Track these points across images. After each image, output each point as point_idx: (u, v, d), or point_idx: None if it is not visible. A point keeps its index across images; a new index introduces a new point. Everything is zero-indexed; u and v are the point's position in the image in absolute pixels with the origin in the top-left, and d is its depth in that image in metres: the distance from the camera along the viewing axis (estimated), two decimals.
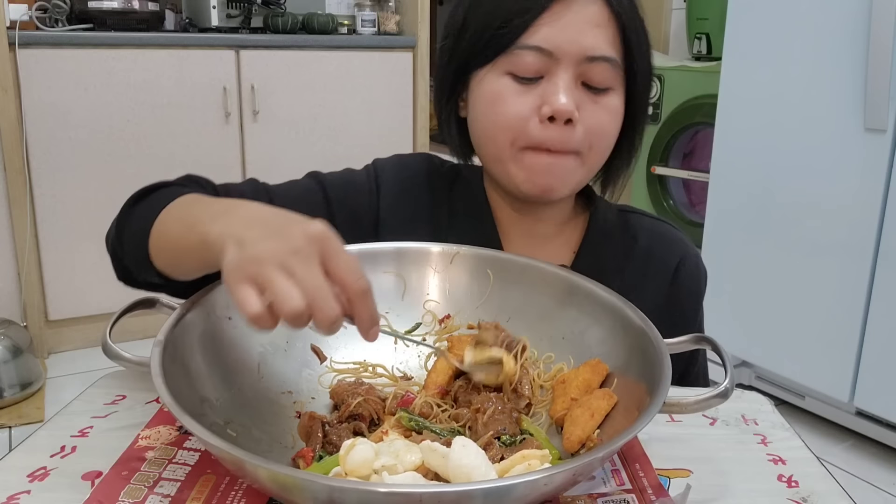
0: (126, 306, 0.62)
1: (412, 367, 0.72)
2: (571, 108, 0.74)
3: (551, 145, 0.76)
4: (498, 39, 0.76)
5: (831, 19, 1.96)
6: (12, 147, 2.38)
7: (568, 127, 0.76)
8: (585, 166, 0.79)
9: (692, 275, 0.89)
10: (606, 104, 0.78)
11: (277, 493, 0.50)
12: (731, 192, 2.30)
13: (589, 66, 0.75)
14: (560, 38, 0.74)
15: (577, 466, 0.48)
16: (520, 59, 0.76)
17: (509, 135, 0.77)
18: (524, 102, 0.76)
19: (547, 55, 0.75)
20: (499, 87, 0.77)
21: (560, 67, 0.75)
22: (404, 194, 0.87)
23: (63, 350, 2.59)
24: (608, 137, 0.80)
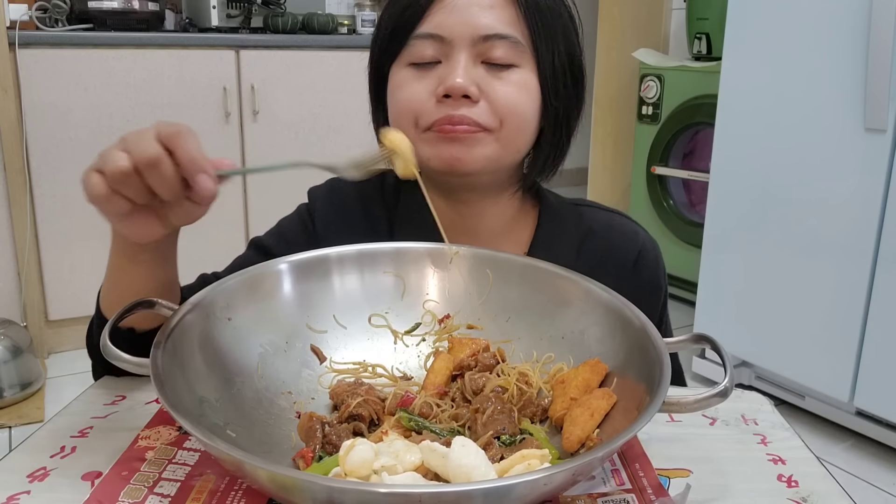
0: (126, 307, 0.62)
1: (412, 368, 0.72)
2: (466, 84, 0.75)
3: (450, 119, 0.76)
4: (397, 33, 0.79)
5: (831, 19, 1.96)
6: (12, 147, 2.38)
7: (466, 103, 0.76)
8: (499, 142, 0.78)
9: (652, 267, 0.88)
10: (512, 79, 0.77)
11: (277, 493, 0.50)
12: (731, 192, 2.30)
13: (486, 46, 0.76)
14: (450, 21, 0.76)
15: (577, 466, 0.48)
16: (416, 48, 0.78)
17: (410, 118, 0.78)
18: (422, 86, 0.78)
19: (439, 40, 0.77)
20: (400, 78, 0.80)
21: (454, 50, 0.76)
22: (337, 216, 0.89)
23: (63, 350, 2.59)
24: (521, 112, 0.78)
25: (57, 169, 2.44)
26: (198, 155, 0.56)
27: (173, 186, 0.57)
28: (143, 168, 0.55)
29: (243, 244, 0.91)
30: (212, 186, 0.57)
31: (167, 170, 0.56)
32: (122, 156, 0.55)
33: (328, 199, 0.90)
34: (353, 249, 0.74)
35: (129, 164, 0.55)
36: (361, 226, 0.88)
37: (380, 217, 0.89)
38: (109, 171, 0.55)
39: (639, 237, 0.89)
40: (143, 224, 0.61)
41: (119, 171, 0.55)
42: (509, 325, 0.72)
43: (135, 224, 0.61)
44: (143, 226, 0.61)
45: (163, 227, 0.62)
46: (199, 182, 0.56)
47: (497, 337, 0.72)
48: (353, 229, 0.88)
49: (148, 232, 0.62)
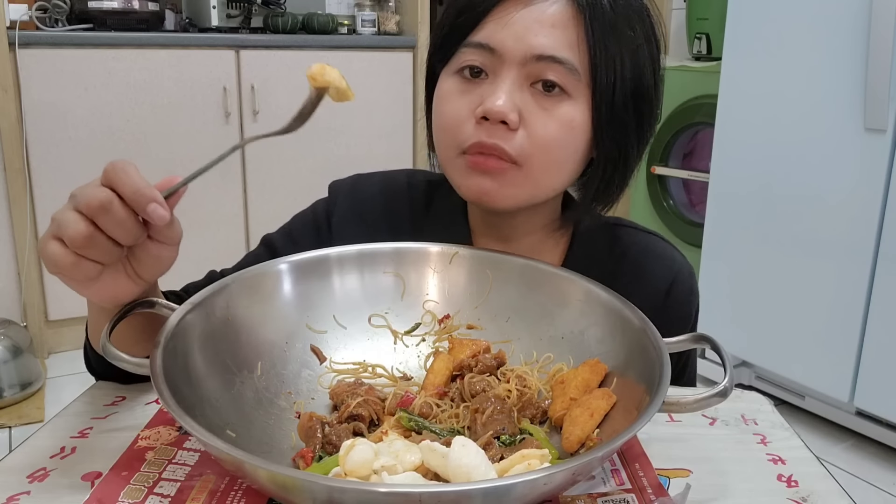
0: (125, 307, 0.62)
1: (412, 368, 0.72)
2: (507, 109, 0.69)
3: (483, 147, 0.71)
4: (450, 37, 0.74)
5: (831, 19, 1.96)
6: (12, 147, 2.38)
7: (502, 129, 0.70)
8: (529, 180, 0.73)
9: (684, 298, 0.85)
10: (557, 112, 0.71)
11: (277, 493, 0.50)
12: (731, 191, 2.30)
13: (537, 67, 0.70)
14: (504, 34, 0.70)
15: (577, 466, 0.48)
16: (465, 57, 0.73)
17: (449, 137, 0.74)
18: (464, 102, 0.73)
19: (490, 52, 0.71)
20: (447, 87, 0.75)
21: (503, 66, 0.71)
22: (356, 212, 0.87)
23: (63, 350, 2.59)
24: (556, 151, 0.72)
25: (57, 169, 2.44)
26: (141, 184, 0.53)
27: (130, 227, 0.53)
28: (96, 216, 0.52)
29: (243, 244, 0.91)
30: (164, 213, 0.53)
31: (118, 211, 0.52)
32: (76, 217, 0.52)
33: (350, 194, 0.89)
34: (353, 249, 0.74)
35: (87, 227, 0.52)
36: (382, 224, 0.87)
37: (403, 216, 0.87)
38: (70, 237, 0.52)
39: (674, 264, 0.85)
40: (113, 285, 0.58)
41: (80, 236, 0.52)
42: (509, 326, 0.72)
43: (105, 287, 0.57)
44: (113, 287, 0.58)
45: (134, 285, 0.59)
46: (151, 212, 0.53)
47: (497, 337, 0.72)
48: (373, 226, 0.86)
49: (120, 293, 0.59)
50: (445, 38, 0.75)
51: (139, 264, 0.58)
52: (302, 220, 0.90)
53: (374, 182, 0.90)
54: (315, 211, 0.90)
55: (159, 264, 0.59)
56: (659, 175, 2.92)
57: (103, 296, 0.59)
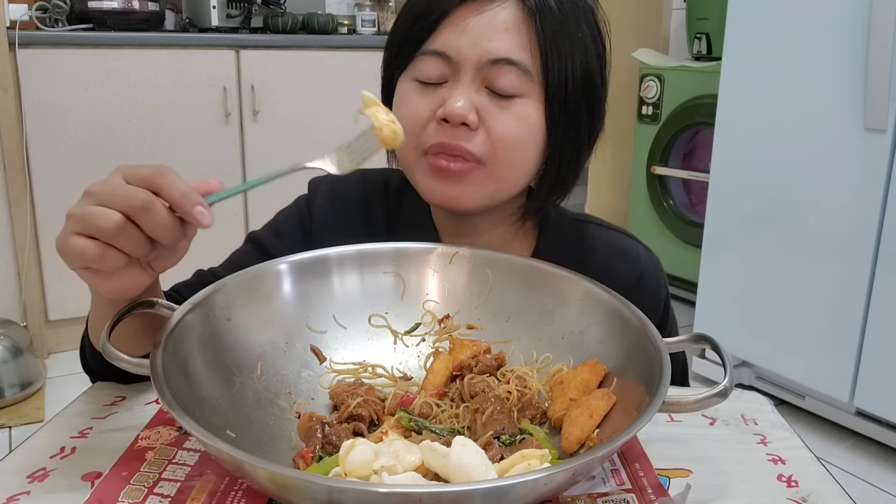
0: (125, 307, 0.62)
1: (412, 368, 0.72)
2: (465, 110, 0.72)
3: (446, 148, 0.73)
4: (406, 45, 0.77)
5: (831, 19, 1.96)
6: (12, 147, 2.38)
7: (464, 130, 0.73)
8: (492, 178, 0.75)
9: (652, 291, 0.86)
10: (513, 110, 0.74)
11: (277, 493, 0.50)
12: (731, 192, 2.30)
13: (492, 71, 0.73)
14: (460, 41, 0.73)
15: (577, 466, 0.48)
16: (423, 64, 0.75)
17: (411, 138, 0.75)
18: (424, 104, 0.75)
19: (446, 60, 0.74)
20: (405, 90, 0.77)
21: (460, 72, 0.73)
22: (335, 211, 0.88)
23: (63, 350, 2.59)
24: (516, 146, 0.75)
25: (57, 169, 2.44)
26: (186, 188, 0.54)
27: (173, 228, 0.55)
28: (137, 215, 0.53)
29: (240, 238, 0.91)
30: (209, 215, 0.55)
31: (161, 211, 0.54)
32: (108, 211, 0.53)
33: (329, 191, 0.90)
34: (352, 249, 0.74)
35: (121, 218, 0.53)
36: (359, 223, 0.88)
37: (379, 216, 0.89)
38: (102, 228, 0.53)
39: (640, 260, 0.87)
40: (129, 277, 0.58)
41: (113, 226, 0.52)
42: (509, 326, 0.73)
43: (122, 279, 0.58)
44: (129, 279, 0.58)
45: (147, 276, 0.60)
46: (197, 215, 0.54)
47: (497, 337, 0.72)
48: (350, 225, 0.88)
49: (135, 284, 0.59)
50: (403, 46, 0.77)
51: (157, 258, 0.59)
52: (286, 216, 0.91)
53: (352, 179, 0.91)
54: (298, 206, 0.91)
55: (174, 258, 0.60)
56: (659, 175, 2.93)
57: (119, 288, 0.59)
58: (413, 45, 0.76)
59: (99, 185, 0.55)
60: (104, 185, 0.55)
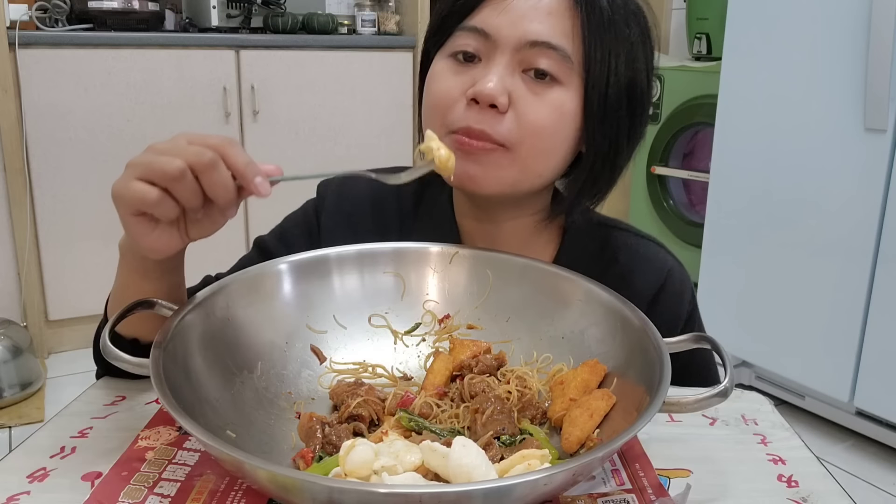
0: (126, 307, 0.62)
1: (412, 368, 0.72)
2: (497, 92, 0.70)
3: (470, 132, 0.72)
4: (447, 21, 0.75)
5: (831, 19, 1.96)
6: (12, 147, 2.38)
7: (492, 113, 0.71)
8: (517, 164, 0.73)
9: (672, 303, 0.83)
10: (549, 98, 0.72)
11: (277, 493, 0.50)
12: (731, 192, 2.30)
13: (530, 53, 0.71)
14: (500, 20, 0.71)
15: (577, 466, 0.48)
16: (460, 40, 0.74)
17: (438, 115, 0.74)
18: (456, 82, 0.73)
19: (484, 37, 0.72)
20: (440, 67, 0.76)
21: (497, 51, 0.72)
22: (344, 213, 0.87)
23: (63, 350, 2.59)
24: (546, 135, 0.73)
25: (57, 169, 2.44)
26: (250, 160, 0.57)
27: (231, 190, 0.57)
28: (203, 170, 0.55)
29: (244, 244, 0.91)
30: (268, 189, 0.58)
31: (225, 172, 0.56)
32: (175, 159, 0.55)
33: (338, 194, 0.89)
34: (352, 249, 0.74)
35: (185, 165, 0.55)
36: (369, 224, 0.87)
37: (390, 215, 0.87)
38: (166, 171, 0.55)
39: (664, 269, 0.84)
40: (168, 237, 0.60)
41: (179, 171, 0.55)
42: (509, 326, 0.72)
43: (161, 237, 0.60)
44: (168, 239, 0.60)
45: (181, 241, 0.61)
46: (259, 185, 0.57)
47: (497, 337, 0.72)
48: (361, 226, 0.87)
49: (170, 245, 0.61)
50: (443, 22, 0.76)
51: (195, 224, 0.60)
52: (293, 222, 0.90)
53: (362, 182, 0.89)
54: (306, 211, 0.90)
55: (211, 228, 0.61)
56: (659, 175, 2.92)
57: (156, 244, 0.60)
58: (453, 21, 0.75)
59: (165, 143, 0.57)
60: (171, 143, 0.57)
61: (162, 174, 0.55)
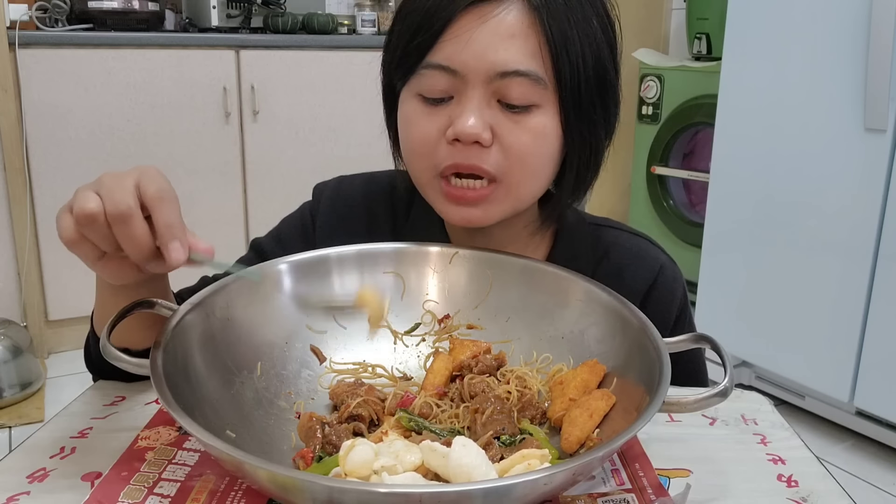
0: (125, 307, 0.62)
1: (412, 368, 0.72)
2: (477, 129, 0.68)
3: (459, 168, 0.71)
4: (407, 57, 0.72)
5: (831, 19, 1.96)
6: (12, 147, 2.38)
7: (476, 148, 0.70)
8: (510, 195, 0.73)
9: (664, 299, 0.83)
10: (528, 124, 0.70)
11: (277, 493, 0.50)
12: (731, 192, 2.30)
13: (503, 83, 0.68)
14: (465, 54, 0.68)
15: (577, 466, 0.48)
16: (426, 79, 0.70)
17: (423, 160, 0.73)
18: (432, 124, 0.71)
19: (452, 74, 0.69)
20: (409, 110, 0.73)
21: (468, 86, 0.69)
22: (338, 215, 0.87)
23: (63, 350, 2.59)
24: (533, 161, 0.72)
25: (57, 169, 2.44)
26: (176, 222, 0.55)
27: (142, 246, 0.55)
28: (112, 221, 0.54)
29: (243, 244, 0.92)
30: (182, 257, 0.56)
31: (137, 228, 0.54)
32: (92, 198, 0.54)
33: (333, 197, 0.89)
34: (352, 249, 0.74)
35: (96, 209, 0.53)
36: (363, 226, 0.88)
37: (383, 220, 0.88)
38: (76, 214, 0.54)
39: (657, 268, 0.84)
40: (117, 268, 0.59)
41: (84, 215, 0.53)
42: (509, 326, 0.72)
43: (108, 268, 0.59)
44: (117, 270, 0.59)
45: (138, 272, 0.60)
46: (171, 250, 0.55)
47: (497, 337, 0.72)
48: (354, 229, 0.87)
49: (123, 276, 0.60)
50: (403, 57, 0.72)
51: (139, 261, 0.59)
52: (290, 224, 0.90)
53: (357, 184, 0.90)
54: (302, 214, 0.90)
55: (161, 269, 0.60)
56: (659, 175, 2.92)
57: (108, 274, 0.60)
58: (415, 58, 0.71)
59: (110, 177, 0.55)
60: (113, 178, 0.55)
61: (76, 212, 0.54)
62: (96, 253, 0.57)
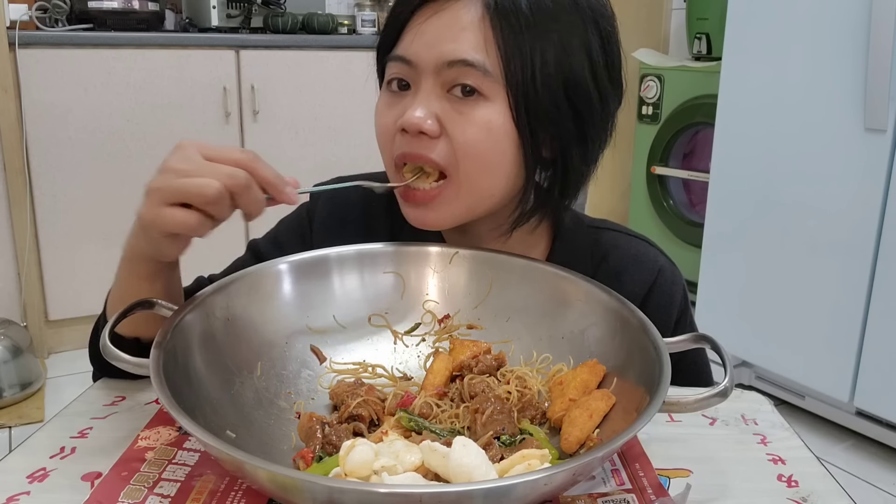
0: (125, 308, 0.62)
1: (412, 368, 0.72)
2: (420, 119, 0.69)
3: (408, 157, 0.72)
4: (380, 53, 0.77)
5: (831, 19, 1.96)
6: (12, 147, 2.38)
7: (424, 139, 0.71)
8: (462, 192, 0.72)
9: (663, 302, 0.83)
10: (476, 116, 0.70)
11: (277, 493, 0.50)
12: (731, 192, 2.30)
13: (450, 74, 0.70)
14: (417, 44, 0.71)
15: (577, 466, 0.48)
16: (391, 70, 0.74)
17: (385, 152, 0.76)
18: (391, 114, 0.74)
19: (408, 64, 0.72)
20: (380, 102, 0.77)
21: (421, 77, 0.71)
22: (335, 216, 0.88)
23: (63, 350, 2.59)
24: (482, 154, 0.71)
25: (57, 169, 2.44)
26: (275, 171, 0.61)
27: (263, 203, 0.61)
28: (241, 192, 0.59)
29: (242, 244, 0.91)
30: (298, 197, 0.62)
31: (259, 191, 0.60)
32: (212, 181, 0.57)
33: (330, 198, 0.89)
34: (352, 249, 0.74)
35: (223, 188, 0.57)
36: (360, 229, 0.87)
37: (380, 220, 0.88)
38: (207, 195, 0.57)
39: (656, 271, 0.83)
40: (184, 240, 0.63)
41: (217, 194, 0.57)
42: (509, 326, 0.72)
43: (178, 242, 0.62)
44: (184, 242, 0.63)
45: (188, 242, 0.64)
46: (290, 195, 0.62)
47: (497, 337, 0.72)
48: (352, 230, 0.87)
49: (184, 247, 0.64)
50: (377, 52, 0.78)
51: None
52: (287, 225, 0.91)
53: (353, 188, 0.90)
54: (299, 216, 0.90)
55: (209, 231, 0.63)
56: (659, 175, 2.92)
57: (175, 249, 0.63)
58: (384, 53, 0.76)
59: (180, 161, 0.59)
60: (187, 161, 0.59)
61: (200, 198, 0.58)
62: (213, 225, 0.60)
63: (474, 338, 0.72)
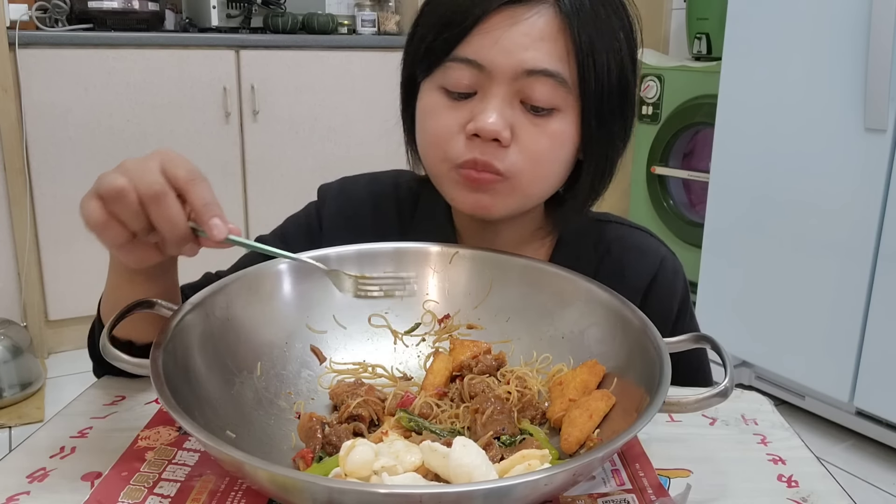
0: (125, 307, 0.62)
1: (412, 368, 0.72)
2: (498, 127, 0.69)
3: (476, 164, 0.71)
4: (433, 51, 0.73)
5: (831, 19, 1.96)
6: (12, 147, 2.38)
7: (495, 146, 0.71)
8: (518, 192, 0.74)
9: (666, 292, 0.84)
10: (548, 127, 0.71)
11: (277, 494, 0.50)
12: (731, 192, 2.30)
13: (527, 83, 0.69)
14: (494, 50, 0.69)
15: (578, 466, 0.48)
16: (452, 72, 0.71)
17: (439, 152, 0.74)
18: (453, 118, 0.72)
19: (478, 69, 0.70)
20: (431, 102, 0.74)
21: (493, 83, 0.70)
22: (345, 214, 0.87)
23: (63, 350, 2.59)
24: (546, 164, 0.73)
25: (57, 169, 2.44)
26: (213, 200, 0.56)
27: (178, 225, 0.56)
28: (147, 201, 0.54)
29: None
30: (223, 233, 0.56)
31: (172, 207, 0.55)
32: (120, 177, 0.54)
33: (338, 197, 0.89)
34: (352, 249, 0.74)
35: (126, 184, 0.54)
36: (370, 225, 0.87)
37: (390, 218, 0.88)
38: (105, 192, 0.54)
39: (658, 262, 0.84)
40: (141, 252, 0.59)
41: (114, 190, 0.53)
42: (509, 326, 0.72)
43: (132, 252, 0.59)
44: (141, 253, 0.59)
45: (160, 255, 0.60)
46: (213, 227, 0.55)
47: (497, 337, 0.72)
48: (361, 228, 0.87)
49: (145, 258, 0.60)
50: (428, 51, 0.73)
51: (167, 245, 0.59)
52: (295, 223, 0.90)
53: (361, 184, 0.90)
54: (307, 213, 0.90)
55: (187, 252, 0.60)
56: (659, 175, 2.92)
57: (129, 259, 0.60)
58: (441, 51, 0.72)
59: (134, 161, 0.56)
60: (135, 162, 0.56)
61: (106, 193, 0.54)
62: (125, 235, 0.56)
63: (474, 338, 0.72)
